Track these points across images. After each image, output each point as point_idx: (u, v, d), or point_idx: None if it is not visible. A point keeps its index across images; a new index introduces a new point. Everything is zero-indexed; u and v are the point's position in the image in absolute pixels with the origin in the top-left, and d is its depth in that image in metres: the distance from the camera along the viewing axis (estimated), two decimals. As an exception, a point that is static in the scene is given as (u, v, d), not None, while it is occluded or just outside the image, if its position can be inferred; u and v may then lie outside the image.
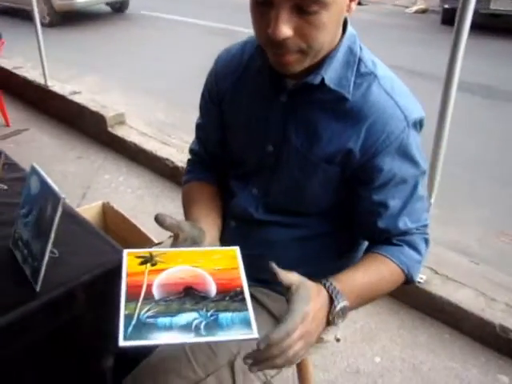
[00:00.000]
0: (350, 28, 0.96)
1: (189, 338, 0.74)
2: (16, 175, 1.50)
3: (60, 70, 5.20)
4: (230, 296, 0.80)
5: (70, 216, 1.32)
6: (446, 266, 2.26)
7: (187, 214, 1.14)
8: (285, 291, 0.84)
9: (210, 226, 1.05)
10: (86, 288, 1.08)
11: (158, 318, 0.75)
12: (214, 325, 0.75)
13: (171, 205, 3.06)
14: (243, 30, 7.92)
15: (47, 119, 4.34)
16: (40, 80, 4.41)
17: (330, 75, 0.93)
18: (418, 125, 0.97)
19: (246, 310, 0.78)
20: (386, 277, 0.99)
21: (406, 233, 1.02)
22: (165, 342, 0.74)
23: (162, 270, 0.84)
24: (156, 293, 0.79)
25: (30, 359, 1.05)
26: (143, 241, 1.92)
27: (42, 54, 4.17)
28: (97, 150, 3.82)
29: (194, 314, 0.76)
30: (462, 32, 1.74)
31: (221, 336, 0.74)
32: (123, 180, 3.40)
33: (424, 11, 10.89)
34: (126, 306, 0.76)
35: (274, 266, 0.84)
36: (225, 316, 0.77)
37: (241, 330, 0.75)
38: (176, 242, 0.95)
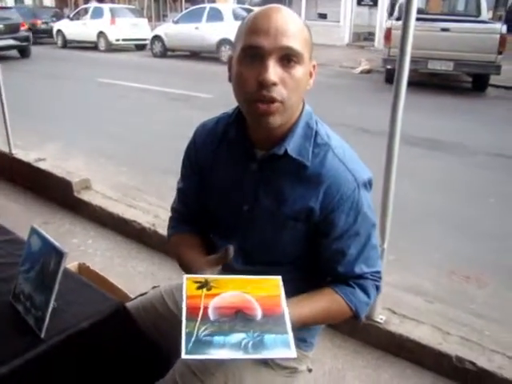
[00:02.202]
0: (307, 106, 1.19)
1: (239, 355, 0.89)
2: (6, 237, 1.62)
3: (22, 137, 5.30)
4: (272, 319, 0.96)
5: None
6: (404, 306, 2.45)
7: (180, 260, 1.28)
8: None
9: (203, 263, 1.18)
10: (85, 334, 1.19)
11: (214, 336, 0.90)
12: (259, 344, 0.90)
13: (139, 265, 3.15)
14: (199, 95, 8.30)
15: (12, 186, 4.39)
16: (4, 148, 4.49)
17: (292, 146, 1.13)
18: (368, 184, 1.18)
19: (287, 332, 0.93)
20: (335, 311, 1.20)
21: (361, 277, 1.20)
22: (219, 357, 0.88)
23: (216, 294, 0.98)
24: (211, 315, 0.94)
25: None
26: (121, 297, 2.02)
27: (7, 123, 4.28)
28: (63, 215, 3.89)
29: (242, 335, 0.91)
30: (401, 88, 1.98)
31: (265, 354, 0.90)
32: (91, 243, 3.48)
33: (369, 71, 11.68)
34: (186, 324, 0.90)
35: None
36: (269, 337, 0.92)
37: (282, 349, 0.91)
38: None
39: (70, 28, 17.47)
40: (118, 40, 16.38)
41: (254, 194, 1.19)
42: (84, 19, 17.22)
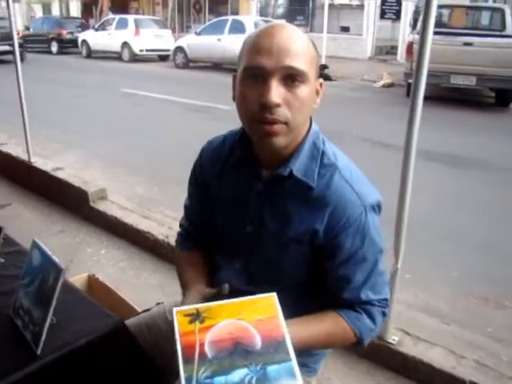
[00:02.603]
0: (314, 125, 1.16)
1: None
2: (12, 249, 1.61)
3: (43, 145, 5.38)
4: (273, 347, 0.90)
5: (64, 286, 1.42)
6: (418, 326, 2.38)
7: (180, 277, 1.29)
8: None
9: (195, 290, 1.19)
10: (82, 351, 1.17)
11: (214, 377, 0.85)
12: (263, 378, 0.85)
13: (152, 277, 3.14)
14: (220, 106, 8.32)
15: (30, 194, 4.44)
16: (24, 156, 4.55)
17: (298, 167, 1.10)
18: (376, 207, 1.14)
19: (290, 360, 0.88)
20: (339, 335, 1.16)
21: (367, 303, 1.16)
22: None
23: (211, 326, 0.92)
24: (208, 351, 0.88)
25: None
26: (128, 311, 2.00)
27: (27, 131, 4.34)
28: (79, 224, 3.91)
29: (245, 370, 0.86)
30: (417, 102, 1.94)
31: None
32: (105, 253, 3.48)
33: (390, 85, 11.59)
34: (184, 368, 0.85)
35: None
36: (272, 368, 0.87)
37: (287, 380, 0.86)
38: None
39: (95, 38, 17.78)
40: (141, 50, 16.59)
41: (258, 215, 1.16)
42: (109, 30, 17.51)
